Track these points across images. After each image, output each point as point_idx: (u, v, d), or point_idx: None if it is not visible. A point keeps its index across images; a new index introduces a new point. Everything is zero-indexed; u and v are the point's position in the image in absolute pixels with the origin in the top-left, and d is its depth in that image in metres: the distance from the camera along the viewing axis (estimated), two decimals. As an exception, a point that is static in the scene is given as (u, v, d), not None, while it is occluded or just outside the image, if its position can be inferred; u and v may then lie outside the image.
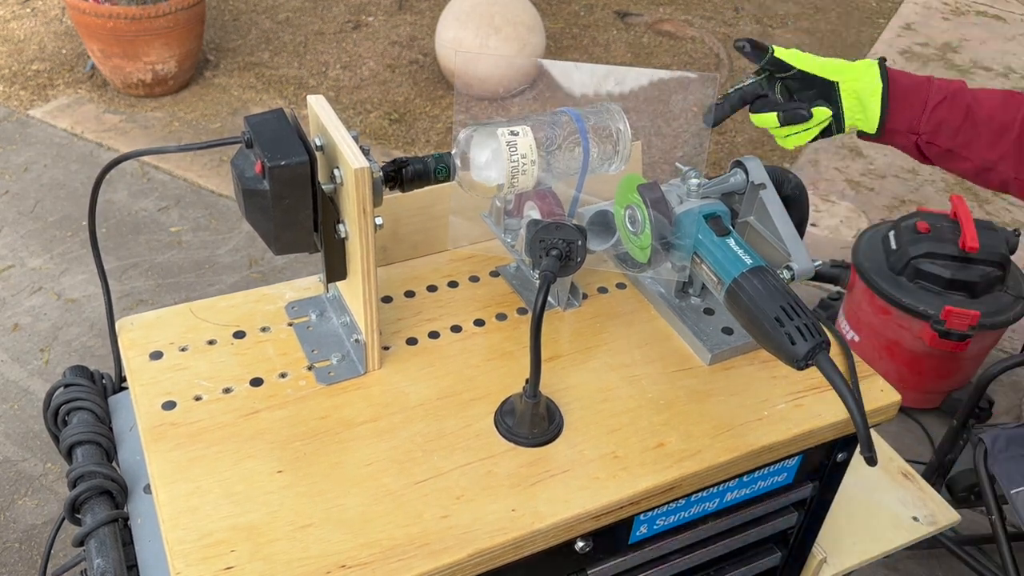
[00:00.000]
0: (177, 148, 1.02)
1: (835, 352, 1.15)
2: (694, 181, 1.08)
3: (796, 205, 1.12)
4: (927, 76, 1.24)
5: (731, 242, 1.01)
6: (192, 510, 0.90)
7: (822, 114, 1.23)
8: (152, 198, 3.10)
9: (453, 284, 1.21)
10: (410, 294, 1.19)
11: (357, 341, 1.06)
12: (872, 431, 0.94)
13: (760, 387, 1.08)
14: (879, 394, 1.09)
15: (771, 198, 1.10)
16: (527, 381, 0.97)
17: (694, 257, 1.05)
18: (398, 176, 1.03)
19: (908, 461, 1.42)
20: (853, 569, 1.28)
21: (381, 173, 0.99)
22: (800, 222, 1.12)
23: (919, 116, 1.21)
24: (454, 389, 1.05)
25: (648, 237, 1.04)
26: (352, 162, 0.92)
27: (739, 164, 1.11)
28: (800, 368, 0.91)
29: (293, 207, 0.96)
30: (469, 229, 1.24)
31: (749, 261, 0.98)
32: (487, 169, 1.05)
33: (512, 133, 1.04)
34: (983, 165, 1.22)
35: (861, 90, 1.22)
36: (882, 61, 1.23)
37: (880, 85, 1.21)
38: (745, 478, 1.05)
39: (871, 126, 1.24)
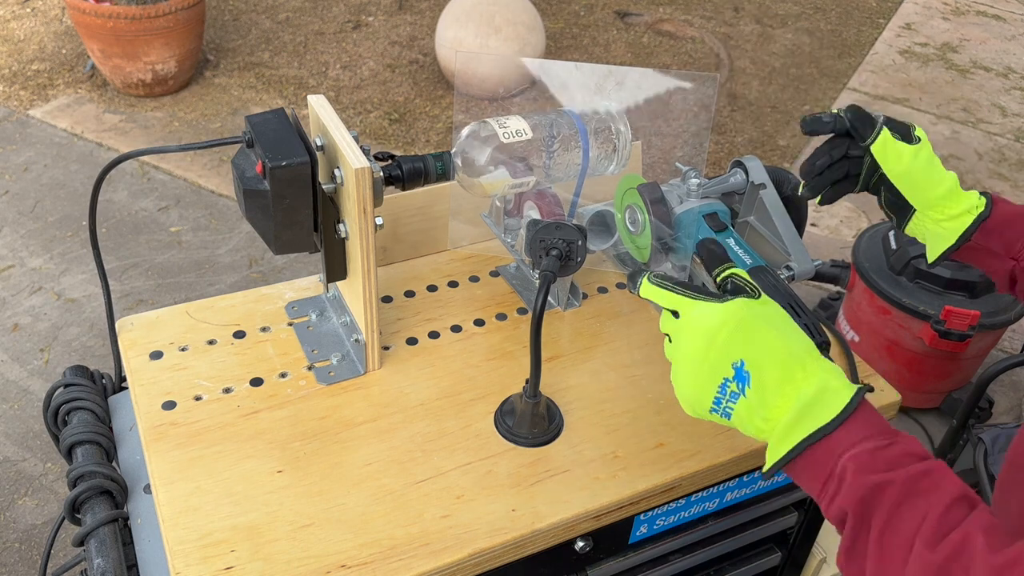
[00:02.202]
0: (177, 148, 1.02)
1: (835, 352, 1.15)
2: (694, 181, 1.08)
3: (796, 205, 1.12)
4: None
5: (731, 242, 1.01)
6: (192, 510, 0.90)
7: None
8: (152, 198, 3.10)
9: (453, 284, 1.21)
10: (410, 294, 1.19)
11: (357, 341, 1.06)
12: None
13: (760, 387, 1.07)
14: (879, 394, 1.09)
15: (771, 198, 1.10)
16: (527, 381, 0.97)
17: (694, 257, 1.05)
18: (395, 168, 1.04)
19: (908, 461, 1.41)
20: (853, 569, 1.28)
21: (381, 173, 0.99)
22: (800, 222, 1.12)
23: (1018, 240, 1.00)
24: (454, 389, 1.05)
25: (648, 237, 1.04)
26: (353, 162, 0.92)
27: (739, 164, 1.11)
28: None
29: (293, 207, 0.96)
30: (469, 229, 1.24)
31: (749, 261, 0.98)
32: (487, 168, 1.05)
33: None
34: None
35: (943, 228, 1.03)
36: (988, 201, 1.02)
37: (973, 218, 1.01)
38: (745, 478, 1.05)
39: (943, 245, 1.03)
